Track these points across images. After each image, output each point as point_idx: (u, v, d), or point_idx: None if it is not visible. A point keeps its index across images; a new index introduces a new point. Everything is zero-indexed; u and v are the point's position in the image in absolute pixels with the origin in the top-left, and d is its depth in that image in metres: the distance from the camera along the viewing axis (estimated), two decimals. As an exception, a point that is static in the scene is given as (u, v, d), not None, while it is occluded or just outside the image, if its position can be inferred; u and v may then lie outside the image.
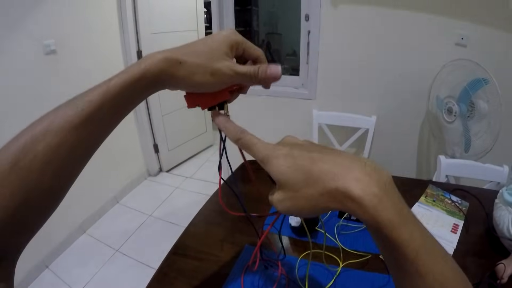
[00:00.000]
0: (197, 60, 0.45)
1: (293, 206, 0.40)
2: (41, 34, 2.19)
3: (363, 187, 0.34)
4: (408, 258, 0.34)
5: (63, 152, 0.38)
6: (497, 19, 1.91)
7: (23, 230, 0.39)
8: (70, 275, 2.24)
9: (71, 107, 0.40)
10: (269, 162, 0.41)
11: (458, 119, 1.82)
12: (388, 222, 0.33)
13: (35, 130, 0.38)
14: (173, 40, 3.26)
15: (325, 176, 0.36)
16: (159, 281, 0.90)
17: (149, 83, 0.43)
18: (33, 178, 0.37)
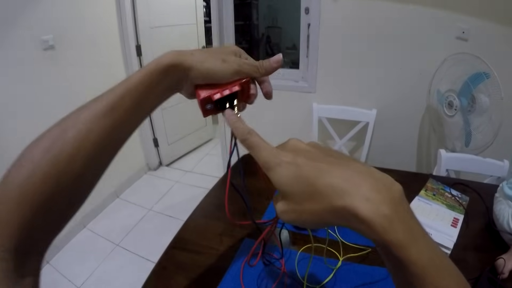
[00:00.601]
0: (207, 52, 0.49)
1: (296, 219, 0.38)
2: (39, 30, 2.17)
3: (373, 207, 0.31)
4: (415, 274, 0.32)
5: (92, 139, 0.41)
6: (498, 13, 1.90)
7: (53, 220, 0.40)
8: (71, 270, 2.24)
9: (97, 99, 0.43)
10: (271, 169, 0.38)
11: (458, 113, 1.81)
12: (397, 242, 0.32)
13: (65, 121, 0.41)
14: (172, 34, 3.28)
15: (332, 192, 0.33)
16: (158, 275, 0.90)
17: (162, 70, 0.46)
18: (63, 165, 0.38)
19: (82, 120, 0.41)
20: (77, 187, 0.41)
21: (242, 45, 3.46)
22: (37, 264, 0.40)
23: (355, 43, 2.28)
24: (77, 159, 0.39)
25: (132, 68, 3.00)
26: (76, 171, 0.40)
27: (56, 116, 1.61)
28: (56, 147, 0.39)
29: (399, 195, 0.33)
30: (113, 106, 0.43)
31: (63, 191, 0.39)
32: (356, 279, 0.86)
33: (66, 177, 0.39)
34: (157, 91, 0.47)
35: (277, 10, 3.62)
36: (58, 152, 0.38)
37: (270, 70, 0.51)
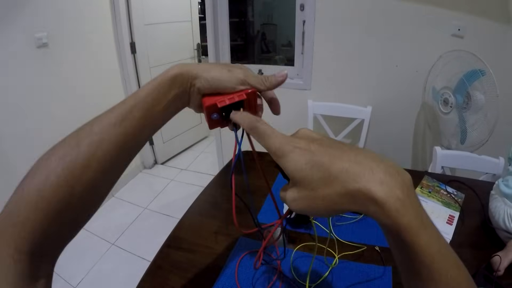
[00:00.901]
0: (213, 63, 0.51)
1: (308, 206, 0.37)
2: (32, 27, 2.15)
3: (387, 189, 0.32)
4: (424, 263, 0.33)
5: (104, 148, 0.42)
6: (494, 10, 1.90)
7: (67, 226, 0.42)
8: (66, 270, 2.22)
9: (109, 111, 0.45)
10: (284, 156, 0.38)
11: (454, 110, 1.81)
12: (409, 226, 0.32)
13: (79, 132, 0.43)
14: (167, 31, 3.27)
15: (346, 175, 0.34)
16: (153, 274, 0.89)
17: (169, 81, 0.48)
18: (78, 173, 0.40)
19: (95, 131, 0.43)
20: (90, 195, 0.43)
21: (237, 42, 3.44)
22: (50, 268, 0.42)
23: (350, 40, 2.27)
24: (90, 168, 0.41)
25: (126, 65, 2.98)
26: (90, 179, 0.41)
27: (49, 114, 1.61)
28: (71, 155, 0.40)
29: (409, 181, 0.34)
30: (124, 117, 0.44)
31: (77, 198, 0.40)
32: (352, 277, 0.86)
33: (80, 184, 0.40)
34: (165, 102, 0.48)
35: (272, 7, 3.60)
36: (73, 160, 0.40)
37: (275, 84, 0.51)
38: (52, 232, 0.39)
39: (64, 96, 2.43)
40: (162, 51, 3.28)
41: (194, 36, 3.65)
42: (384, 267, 0.88)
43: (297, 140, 0.39)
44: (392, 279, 0.85)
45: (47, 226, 0.38)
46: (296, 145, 0.38)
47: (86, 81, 2.61)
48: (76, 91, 2.53)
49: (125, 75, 3.03)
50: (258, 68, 2.67)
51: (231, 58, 2.73)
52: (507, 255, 0.88)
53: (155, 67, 3.24)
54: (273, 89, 0.52)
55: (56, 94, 2.37)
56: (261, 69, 2.66)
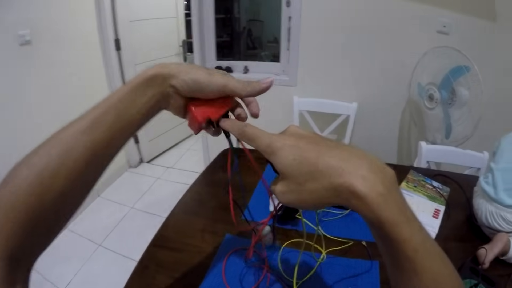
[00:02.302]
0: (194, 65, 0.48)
1: (295, 199, 0.39)
2: (15, 24, 2.09)
3: (369, 185, 0.34)
4: (407, 256, 0.34)
5: (74, 156, 0.40)
6: (479, 7, 1.93)
7: (41, 234, 0.41)
8: (54, 273, 2.18)
9: (80, 117, 0.43)
10: (274, 153, 0.40)
11: (439, 106, 1.83)
12: (391, 220, 0.34)
13: (51, 139, 0.41)
14: (152, 28, 3.22)
15: (332, 171, 0.36)
16: (139, 274, 0.88)
17: (145, 82, 0.45)
18: (48, 182, 0.38)
19: (65, 138, 0.41)
20: (62, 204, 0.41)
21: (223, 39, 3.43)
22: (27, 272, 0.41)
23: (336, 36, 2.28)
24: (60, 176, 0.39)
25: (111, 62, 2.93)
26: (59, 188, 0.40)
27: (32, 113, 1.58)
28: (40, 164, 0.39)
29: (392, 177, 0.36)
30: (95, 123, 0.42)
31: (48, 207, 0.39)
32: (339, 272, 0.86)
33: (50, 193, 0.39)
34: (139, 106, 0.46)
35: (259, 3, 3.59)
36: (42, 170, 0.39)
37: (258, 90, 0.49)
38: (26, 239, 0.38)
39: (47, 94, 2.38)
40: (147, 48, 3.24)
41: (179, 32, 3.61)
42: (371, 262, 0.88)
43: (286, 137, 0.41)
44: (379, 274, 0.85)
45: (20, 234, 0.37)
46: (285, 141, 0.40)
47: (70, 79, 2.56)
48: (60, 88, 2.48)
49: (109, 72, 2.98)
50: (244, 64, 2.65)
51: (216, 54, 2.71)
52: (492, 248, 0.90)
53: (140, 64, 3.19)
54: (256, 95, 0.50)
55: (39, 92, 2.31)
56: (246, 66, 2.64)
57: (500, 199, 0.99)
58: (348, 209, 1.09)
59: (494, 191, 1.02)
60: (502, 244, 0.90)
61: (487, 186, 1.05)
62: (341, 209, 1.10)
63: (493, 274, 0.84)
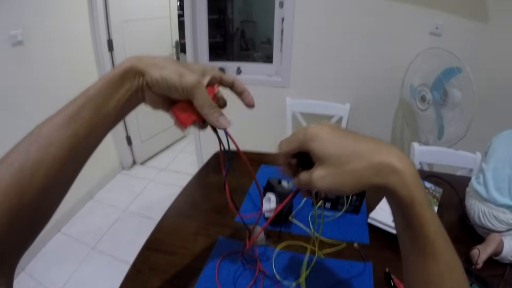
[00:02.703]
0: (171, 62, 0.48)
1: (335, 182, 0.41)
2: (7, 24, 2.06)
3: (404, 164, 0.38)
4: (429, 238, 0.38)
5: (52, 151, 0.40)
6: (471, 9, 1.94)
7: (20, 234, 0.40)
8: (47, 277, 2.16)
9: (57, 112, 0.42)
10: (313, 139, 0.43)
11: (431, 107, 1.84)
12: (421, 199, 0.38)
13: (30, 136, 0.40)
14: (145, 28, 3.21)
15: (370, 151, 0.40)
16: (132, 278, 0.87)
17: (119, 76, 0.45)
18: (26, 177, 0.38)
19: (43, 134, 0.40)
20: (42, 200, 0.40)
21: (216, 39, 3.42)
22: (9, 275, 0.40)
23: (329, 37, 2.28)
24: (39, 173, 0.39)
25: (103, 63, 2.91)
26: (39, 185, 0.39)
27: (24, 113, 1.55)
28: (19, 161, 0.38)
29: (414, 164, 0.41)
30: (72, 118, 0.42)
31: (28, 204, 0.38)
32: (333, 274, 0.85)
33: (30, 191, 0.38)
34: (116, 99, 0.45)
35: (252, 4, 3.59)
36: (21, 167, 0.38)
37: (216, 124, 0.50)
38: (6, 239, 0.38)
39: (39, 94, 2.35)
40: (140, 48, 3.22)
41: (172, 33, 3.59)
42: (364, 263, 0.88)
43: (321, 126, 0.44)
44: (373, 275, 0.85)
45: (2, 233, 0.37)
46: (322, 128, 0.44)
47: (63, 79, 2.53)
48: (52, 89, 2.45)
49: (102, 73, 2.96)
50: (237, 65, 2.65)
51: (209, 55, 2.70)
52: (485, 249, 0.90)
53: (133, 66, 3.18)
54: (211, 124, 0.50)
55: (31, 92, 2.29)
56: (239, 66, 2.64)
57: (492, 198, 1.00)
58: (341, 210, 1.09)
59: (485, 190, 1.03)
60: (495, 244, 0.91)
61: (479, 186, 1.06)
62: (333, 211, 1.10)
63: (486, 275, 0.84)
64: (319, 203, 0.98)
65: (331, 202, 1.10)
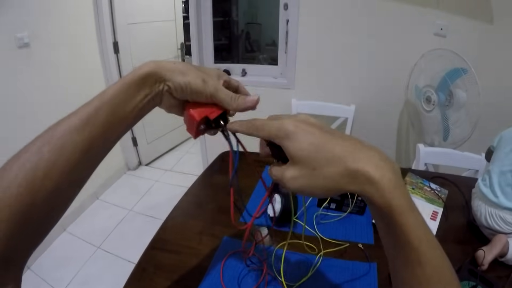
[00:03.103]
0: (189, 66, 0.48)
1: (307, 185, 0.40)
2: (13, 27, 2.08)
3: (381, 172, 0.36)
4: (412, 245, 0.36)
5: (66, 153, 0.39)
6: (476, 10, 1.93)
7: (31, 234, 0.40)
8: (52, 275, 2.17)
9: (73, 113, 0.42)
10: (288, 136, 0.40)
11: (436, 108, 1.84)
12: (400, 206, 0.36)
13: (43, 136, 0.40)
14: (150, 31, 3.23)
15: (348, 157, 0.37)
16: (138, 277, 0.88)
17: (139, 81, 0.45)
18: (39, 178, 0.37)
19: (57, 135, 0.40)
20: (54, 202, 0.40)
21: (221, 42, 3.43)
22: (18, 273, 0.40)
23: (334, 39, 2.28)
24: (52, 175, 0.38)
25: (109, 65, 2.93)
26: (51, 187, 0.39)
27: (30, 115, 1.57)
28: (31, 162, 0.38)
29: (398, 169, 0.38)
30: (88, 120, 0.41)
31: (39, 206, 0.38)
32: (338, 274, 0.86)
33: (41, 193, 0.38)
34: (134, 103, 0.45)
35: (257, 6, 3.60)
36: (33, 168, 0.38)
37: (242, 107, 0.49)
38: (16, 239, 0.38)
39: (45, 96, 2.37)
40: (146, 50, 3.24)
41: (178, 35, 3.61)
42: (369, 264, 0.88)
43: (298, 122, 0.41)
44: (377, 276, 0.85)
45: (10, 235, 0.36)
46: (299, 125, 0.40)
47: (68, 81, 2.55)
48: (58, 91, 2.47)
49: (107, 75, 2.98)
50: (242, 67, 2.65)
51: (215, 57, 2.71)
52: (491, 250, 0.90)
53: (138, 68, 3.20)
54: (242, 111, 0.50)
55: (37, 94, 2.31)
56: (245, 68, 2.64)
57: (498, 201, 0.99)
58: (346, 211, 1.09)
59: (492, 193, 1.02)
60: (501, 246, 0.91)
61: (485, 188, 1.05)
62: (338, 212, 1.10)
63: (491, 276, 0.84)
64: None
65: (336, 203, 1.11)
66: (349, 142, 0.39)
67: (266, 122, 0.43)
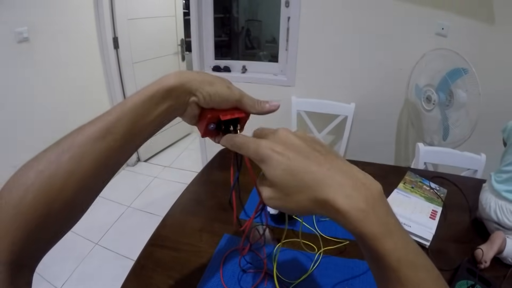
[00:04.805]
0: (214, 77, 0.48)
1: (281, 206, 0.40)
2: (13, 21, 2.08)
3: (351, 202, 0.35)
4: (391, 267, 0.35)
5: (85, 163, 0.39)
6: (477, 10, 1.93)
7: (44, 241, 0.40)
8: (50, 272, 2.16)
9: (92, 123, 0.41)
10: (263, 161, 0.40)
11: (436, 108, 1.84)
12: (372, 234, 0.35)
13: (61, 143, 0.40)
14: (150, 26, 3.22)
15: (317, 186, 0.37)
16: (137, 274, 0.87)
17: (165, 93, 0.44)
18: (56, 187, 0.37)
19: (77, 143, 0.39)
20: (69, 211, 0.41)
21: (222, 38, 3.42)
22: (29, 277, 0.40)
23: (335, 37, 2.28)
24: (69, 185, 0.38)
25: (109, 60, 2.92)
26: (68, 197, 0.39)
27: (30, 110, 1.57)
28: (50, 170, 0.38)
29: (377, 193, 0.37)
30: (108, 130, 0.41)
31: (55, 214, 0.39)
32: (337, 272, 0.86)
33: (57, 204, 0.38)
34: (155, 114, 0.45)
35: (257, 3, 3.59)
36: (52, 176, 0.37)
37: (265, 110, 0.51)
38: (30, 245, 0.38)
39: (45, 91, 2.37)
40: (145, 46, 3.23)
41: (178, 31, 3.60)
42: (368, 263, 0.88)
43: (275, 144, 0.40)
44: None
45: (25, 240, 0.37)
46: (274, 149, 0.40)
47: (68, 76, 2.55)
48: (58, 86, 2.47)
49: (107, 71, 2.98)
50: (242, 64, 2.65)
51: (215, 54, 2.71)
52: (491, 246, 0.90)
53: (138, 63, 3.19)
54: (263, 114, 0.52)
55: (37, 89, 2.31)
56: (245, 65, 2.64)
57: (508, 198, 1.00)
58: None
59: (505, 190, 1.02)
60: (499, 241, 0.91)
61: (497, 185, 1.05)
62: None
63: (489, 275, 0.84)
64: None
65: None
66: (324, 166, 0.38)
67: (246, 142, 0.43)
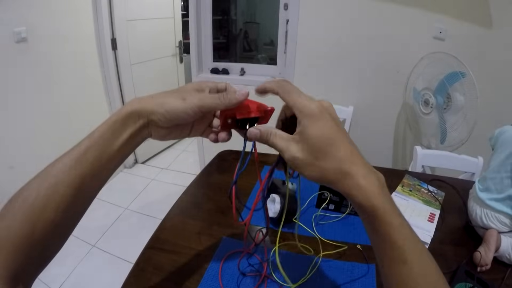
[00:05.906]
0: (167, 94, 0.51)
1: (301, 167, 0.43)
2: (11, 21, 2.08)
3: (368, 181, 0.40)
4: (398, 244, 0.39)
5: (61, 189, 0.44)
6: (475, 14, 1.95)
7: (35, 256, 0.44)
8: (47, 274, 2.12)
9: (66, 153, 0.46)
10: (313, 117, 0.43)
11: (434, 111, 1.85)
12: (384, 208, 0.39)
13: (41, 174, 0.45)
14: (149, 28, 3.22)
15: (347, 160, 0.41)
16: (136, 277, 0.87)
17: (122, 121, 0.48)
18: (37, 212, 0.42)
19: (52, 173, 0.44)
20: (52, 232, 0.45)
21: (220, 40, 3.42)
22: None
23: (333, 40, 2.29)
24: (48, 209, 0.43)
25: (107, 61, 2.92)
26: (49, 219, 0.43)
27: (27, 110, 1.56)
28: (31, 197, 0.43)
29: (383, 180, 0.43)
30: (78, 160, 0.45)
31: (39, 235, 0.43)
32: (336, 276, 0.86)
33: (40, 224, 0.42)
34: (120, 141, 0.48)
35: (255, 6, 3.60)
36: (33, 202, 0.42)
37: (234, 102, 0.50)
38: (22, 263, 0.42)
39: (43, 91, 2.36)
40: (144, 48, 3.23)
41: (176, 33, 3.60)
42: (367, 265, 0.89)
43: (324, 109, 0.44)
44: (376, 277, 0.85)
45: (17, 258, 0.41)
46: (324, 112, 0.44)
47: (66, 77, 2.54)
48: (56, 86, 2.47)
49: (105, 72, 2.97)
50: (240, 66, 2.65)
51: (213, 56, 2.71)
52: (489, 247, 0.91)
53: (136, 64, 3.19)
54: (234, 106, 0.51)
55: (35, 90, 2.30)
56: (243, 68, 2.64)
57: (494, 206, 1.00)
58: (344, 212, 1.09)
59: (488, 198, 1.03)
60: (494, 240, 0.92)
61: (481, 193, 1.06)
62: (337, 213, 1.10)
63: (487, 278, 0.85)
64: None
65: (335, 204, 1.11)
66: (351, 146, 0.43)
67: (296, 91, 0.47)
